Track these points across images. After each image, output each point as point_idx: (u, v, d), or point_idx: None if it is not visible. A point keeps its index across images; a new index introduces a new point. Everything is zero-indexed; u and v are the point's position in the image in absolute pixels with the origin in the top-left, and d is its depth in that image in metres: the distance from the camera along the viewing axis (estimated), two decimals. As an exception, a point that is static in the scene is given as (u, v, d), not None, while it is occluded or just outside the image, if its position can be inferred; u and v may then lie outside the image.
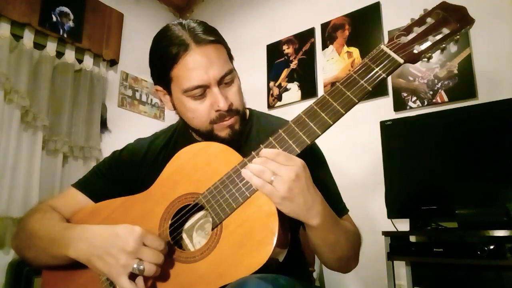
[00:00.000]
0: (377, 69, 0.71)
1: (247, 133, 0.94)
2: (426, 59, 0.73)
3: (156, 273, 0.70)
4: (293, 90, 2.69)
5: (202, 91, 0.81)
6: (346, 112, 0.71)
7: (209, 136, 0.85)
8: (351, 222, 0.91)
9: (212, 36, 0.82)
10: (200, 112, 0.83)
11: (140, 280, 0.70)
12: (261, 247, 0.68)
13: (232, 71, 0.84)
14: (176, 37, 0.80)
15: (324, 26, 2.64)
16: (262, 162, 0.69)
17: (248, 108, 1.00)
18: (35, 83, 2.37)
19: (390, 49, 0.73)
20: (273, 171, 0.67)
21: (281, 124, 0.74)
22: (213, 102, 0.82)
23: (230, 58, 0.87)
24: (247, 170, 0.71)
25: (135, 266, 0.68)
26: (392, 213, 1.87)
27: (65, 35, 2.56)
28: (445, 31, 0.72)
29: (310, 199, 0.69)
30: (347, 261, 0.83)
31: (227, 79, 0.83)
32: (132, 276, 0.70)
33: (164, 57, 0.82)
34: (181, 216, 0.79)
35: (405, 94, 2.19)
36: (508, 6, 1.95)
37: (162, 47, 0.82)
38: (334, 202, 0.87)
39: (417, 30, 0.74)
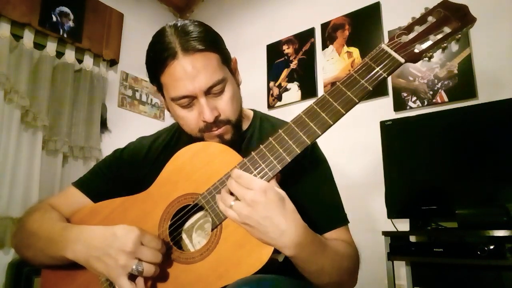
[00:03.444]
0: (377, 69, 0.71)
1: (249, 135, 0.93)
2: (427, 59, 0.73)
3: (155, 273, 0.70)
4: (293, 90, 2.69)
5: (189, 101, 0.79)
6: (346, 112, 0.70)
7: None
8: (347, 237, 0.85)
9: (203, 44, 0.77)
10: (188, 120, 0.82)
11: (140, 281, 0.70)
12: (261, 247, 0.67)
13: (222, 80, 0.80)
14: (167, 43, 0.78)
15: (324, 26, 2.64)
16: (228, 184, 0.70)
17: (252, 110, 1.00)
18: (35, 83, 2.37)
19: (391, 49, 0.72)
20: (236, 195, 0.68)
21: (282, 124, 0.74)
22: (199, 114, 0.80)
23: (227, 63, 0.84)
24: (218, 195, 0.73)
25: (134, 267, 0.68)
26: (392, 213, 1.87)
27: (65, 35, 2.56)
28: (446, 30, 0.72)
29: (275, 228, 0.65)
30: (338, 285, 0.77)
31: (215, 89, 0.79)
32: (132, 277, 0.69)
33: (154, 62, 0.81)
34: (180, 216, 0.78)
35: (405, 94, 2.19)
36: (508, 6, 1.95)
37: (153, 52, 0.81)
38: (331, 212, 0.85)
39: (418, 29, 0.73)
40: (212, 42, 0.80)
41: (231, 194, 0.70)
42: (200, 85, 0.77)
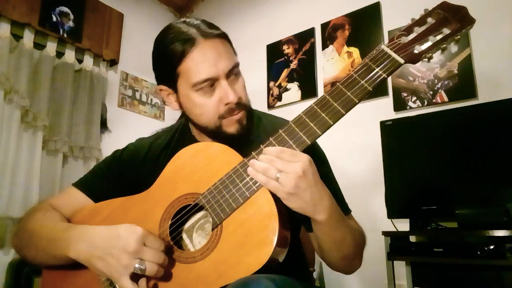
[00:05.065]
0: (377, 69, 0.71)
1: (248, 133, 0.93)
2: (426, 59, 0.73)
3: (158, 273, 0.70)
4: (293, 90, 2.69)
5: (210, 84, 0.81)
6: (346, 113, 0.71)
7: (217, 132, 0.85)
8: (355, 221, 0.91)
9: (218, 31, 0.84)
10: (208, 107, 0.83)
11: (142, 281, 0.70)
12: (261, 247, 0.68)
13: (238, 64, 0.85)
14: (182, 33, 0.81)
15: (324, 26, 2.64)
16: (267, 159, 0.69)
17: None
18: (35, 83, 2.37)
19: (391, 49, 0.72)
20: (279, 169, 0.67)
21: (282, 124, 0.74)
22: (222, 96, 0.82)
23: (234, 53, 0.88)
24: (251, 168, 0.71)
25: (136, 266, 0.69)
26: (392, 213, 1.87)
27: (65, 35, 2.56)
28: (446, 31, 0.72)
29: (317, 194, 0.69)
30: (352, 260, 0.83)
31: (234, 71, 0.84)
32: (134, 277, 0.70)
33: (170, 53, 0.82)
34: (181, 216, 0.79)
35: (405, 94, 2.19)
36: (508, 6, 1.95)
37: (168, 43, 0.82)
38: (337, 202, 0.87)
39: (418, 30, 0.74)
40: (223, 32, 0.86)
41: None
42: (223, 67, 0.81)
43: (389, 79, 2.21)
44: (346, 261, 0.82)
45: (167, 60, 0.83)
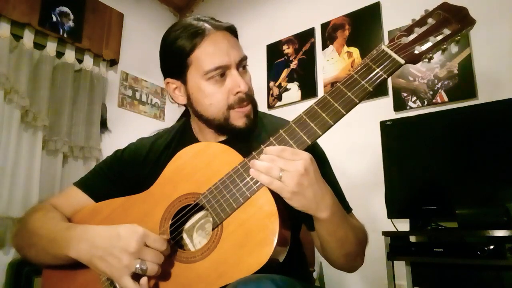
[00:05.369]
0: (378, 70, 0.71)
1: (254, 129, 0.94)
2: (427, 60, 0.73)
3: (158, 273, 0.70)
4: (293, 90, 2.69)
5: (221, 72, 0.83)
6: (347, 113, 0.71)
7: (224, 125, 0.86)
8: (357, 220, 0.91)
9: (227, 25, 0.87)
10: (218, 97, 0.84)
11: (144, 280, 0.70)
12: (261, 247, 0.68)
13: (246, 58, 0.88)
14: (192, 25, 0.84)
15: (324, 26, 2.64)
16: (269, 159, 0.69)
17: None
18: (35, 83, 2.37)
19: (391, 50, 0.72)
20: (281, 167, 0.67)
21: (283, 124, 0.74)
22: (233, 85, 0.83)
23: None
24: (253, 169, 0.71)
25: (137, 266, 0.69)
26: (392, 213, 1.87)
27: (65, 35, 2.56)
28: (446, 31, 0.72)
29: (320, 192, 0.69)
30: (355, 258, 0.83)
31: (243, 64, 0.87)
32: (134, 276, 0.70)
33: (182, 44, 0.84)
34: (181, 216, 0.79)
35: (405, 94, 2.19)
36: (508, 6, 1.96)
37: (179, 35, 0.85)
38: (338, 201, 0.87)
39: (418, 31, 0.74)
40: (232, 25, 0.90)
41: None
42: (234, 57, 0.83)
43: (389, 79, 2.21)
44: (349, 259, 0.82)
45: (178, 51, 0.84)
